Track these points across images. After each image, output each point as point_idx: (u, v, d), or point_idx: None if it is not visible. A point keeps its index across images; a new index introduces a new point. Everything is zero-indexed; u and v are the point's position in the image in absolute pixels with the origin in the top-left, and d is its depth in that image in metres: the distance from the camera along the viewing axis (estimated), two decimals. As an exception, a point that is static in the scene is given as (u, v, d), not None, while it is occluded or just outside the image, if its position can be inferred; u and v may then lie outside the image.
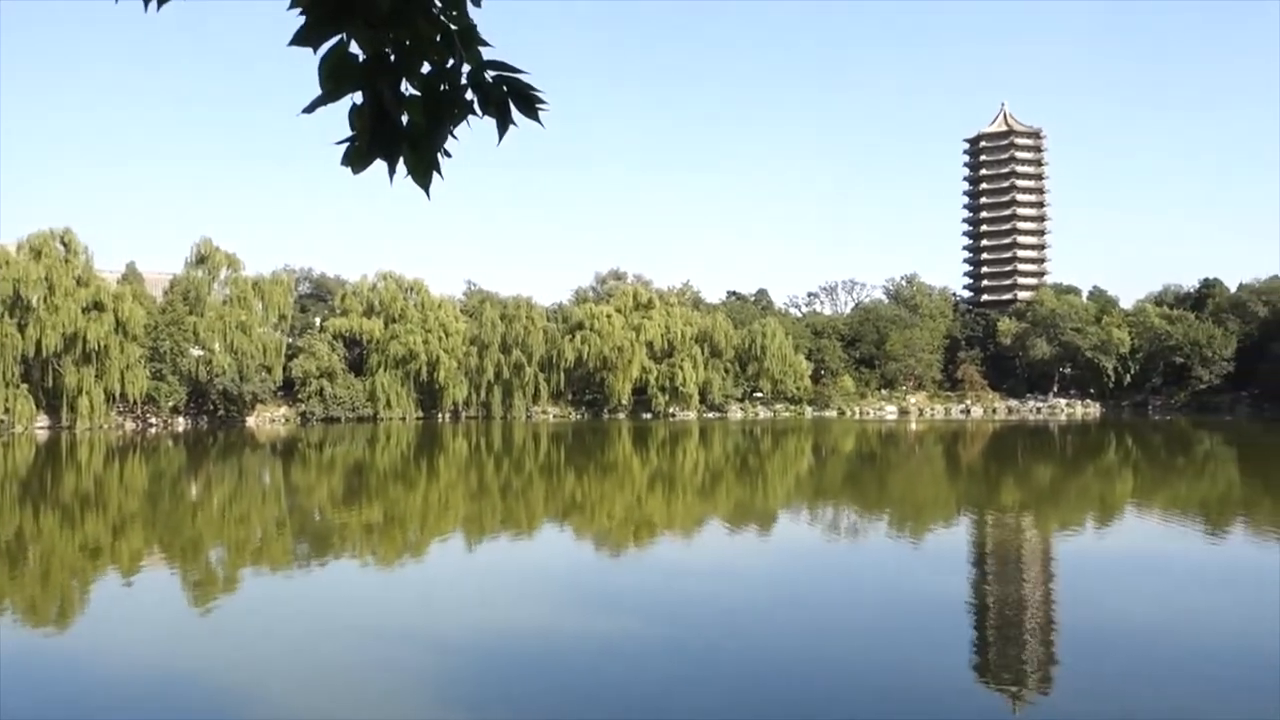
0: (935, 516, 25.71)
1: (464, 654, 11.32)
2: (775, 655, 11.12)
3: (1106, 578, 16.09)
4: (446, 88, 2.19)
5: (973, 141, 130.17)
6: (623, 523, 24.53)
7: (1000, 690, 10.12)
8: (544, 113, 2.21)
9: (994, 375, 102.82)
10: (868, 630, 12.39)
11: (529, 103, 2.24)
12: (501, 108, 2.22)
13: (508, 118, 2.24)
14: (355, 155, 2.21)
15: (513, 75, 2.22)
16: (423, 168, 2.24)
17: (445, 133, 2.24)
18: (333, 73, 2.14)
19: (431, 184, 2.27)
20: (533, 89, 2.22)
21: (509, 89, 2.21)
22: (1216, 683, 9.82)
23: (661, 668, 10.62)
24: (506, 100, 2.22)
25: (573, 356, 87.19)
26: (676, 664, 10.75)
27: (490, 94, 2.20)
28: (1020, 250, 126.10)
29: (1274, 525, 22.65)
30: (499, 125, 2.24)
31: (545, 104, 2.22)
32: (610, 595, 14.97)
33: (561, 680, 10.19)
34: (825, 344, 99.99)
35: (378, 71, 2.13)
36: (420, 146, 2.21)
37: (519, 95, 2.22)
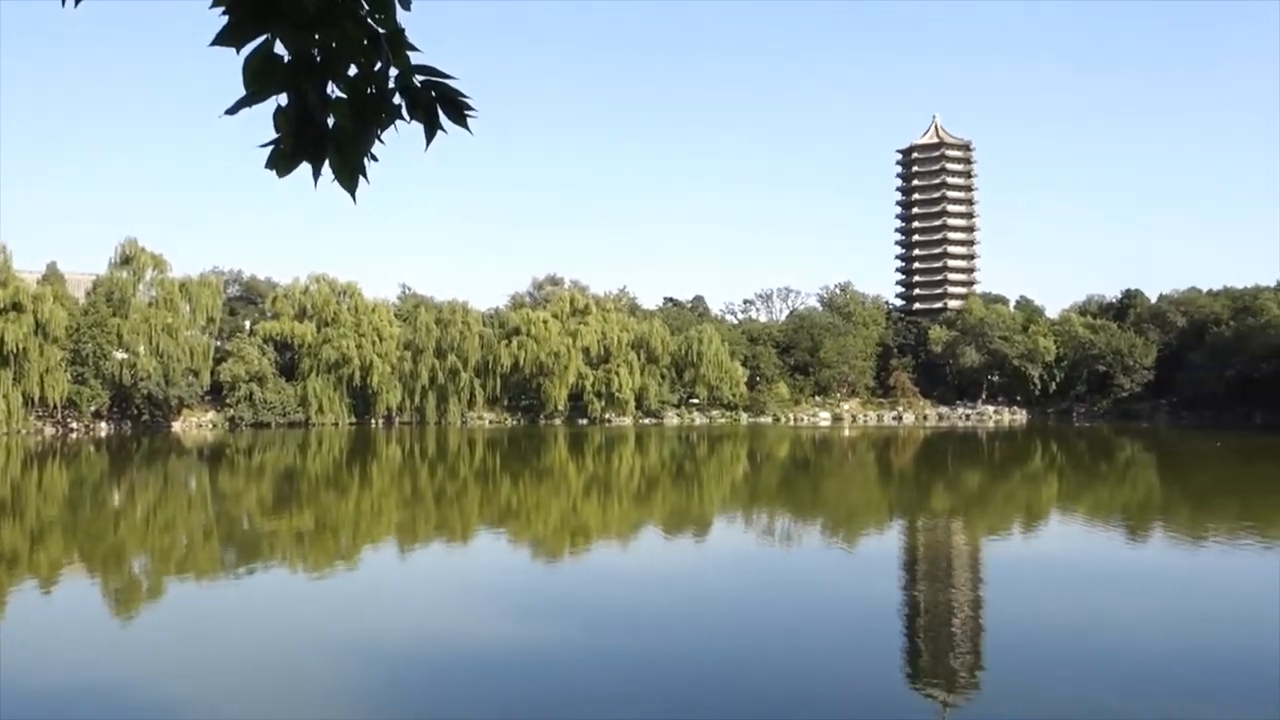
0: (868, 522, 26.07)
1: (398, 661, 11.17)
2: (709, 660, 11.16)
3: (1033, 581, 16.46)
4: (373, 91, 2.15)
5: (905, 153, 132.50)
6: (558, 529, 24.43)
7: (929, 692, 10.28)
8: (473, 120, 2.19)
9: (925, 382, 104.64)
10: (801, 635, 12.50)
11: (458, 109, 2.21)
12: (430, 113, 2.19)
13: (436, 123, 2.21)
14: (279, 158, 2.17)
15: (441, 81, 2.19)
16: (349, 171, 2.20)
17: (372, 136, 2.20)
18: (256, 74, 2.09)
19: (357, 187, 2.23)
20: (461, 95, 2.19)
21: (437, 94, 2.19)
22: (1140, 683, 10.10)
23: (596, 674, 10.59)
24: (435, 106, 2.19)
25: (509, 362, 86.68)
26: (611, 670, 10.74)
27: (418, 99, 2.17)
28: (951, 260, 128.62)
29: (1191, 530, 23.39)
30: (427, 131, 2.21)
31: (474, 111, 2.20)
32: (545, 602, 14.89)
33: (495, 687, 10.11)
34: (761, 351, 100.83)
35: (303, 73, 2.09)
36: (346, 150, 2.17)
37: (447, 101, 2.20)
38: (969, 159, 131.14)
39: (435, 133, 2.22)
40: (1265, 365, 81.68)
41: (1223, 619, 13.27)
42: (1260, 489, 33.65)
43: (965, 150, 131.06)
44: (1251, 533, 22.22)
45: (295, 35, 2.06)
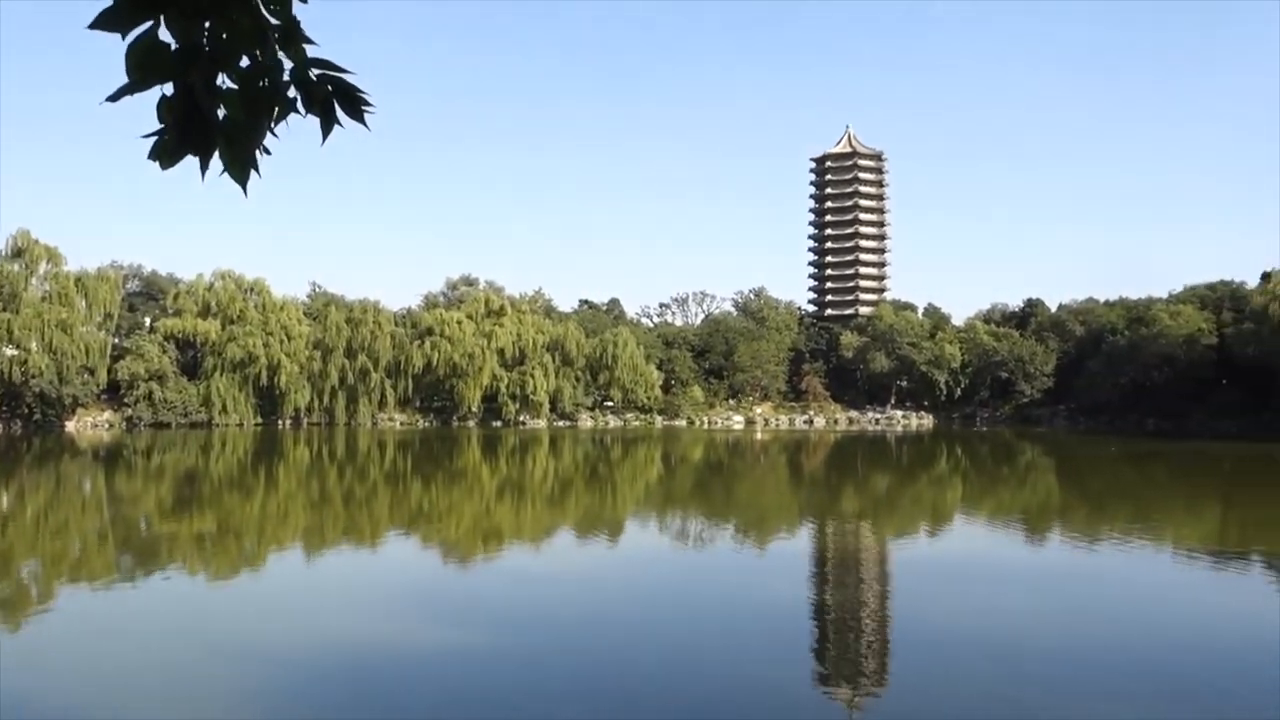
0: (779, 524, 26.38)
1: (307, 666, 10.88)
2: (621, 661, 11.15)
3: (939, 582, 16.84)
4: (266, 84, 2.06)
5: (819, 161, 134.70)
6: (471, 532, 24.17)
7: (838, 691, 10.43)
8: (370, 115, 2.12)
9: (836, 387, 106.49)
10: (712, 635, 12.57)
11: (355, 104, 2.14)
12: (326, 107, 2.11)
13: (332, 118, 2.13)
14: (163, 149, 2.06)
15: (338, 75, 2.12)
16: (239, 165, 2.10)
17: (264, 130, 2.11)
18: (141, 61, 1.98)
19: (249, 181, 2.14)
20: (359, 90, 2.12)
21: (334, 89, 2.11)
22: (1040, 679, 10.40)
23: (508, 676, 10.48)
24: (331, 100, 2.11)
25: (421, 363, 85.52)
26: (523, 672, 10.64)
27: (314, 93, 2.09)
28: (862, 267, 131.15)
29: (1087, 531, 24.23)
30: (323, 126, 2.13)
31: (372, 106, 2.12)
32: (458, 604, 14.70)
33: (409, 690, 9.92)
34: (676, 354, 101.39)
35: (190, 62, 1.99)
36: (236, 143, 2.08)
37: (344, 96, 2.12)
38: (881, 169, 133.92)
39: (331, 128, 2.14)
40: (1157, 373, 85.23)
41: (1118, 616, 13.77)
42: (1151, 492, 35.06)
43: (877, 160, 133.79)
44: (1143, 534, 23.13)
45: (183, 23, 1.97)
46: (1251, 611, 14.23)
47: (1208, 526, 25.32)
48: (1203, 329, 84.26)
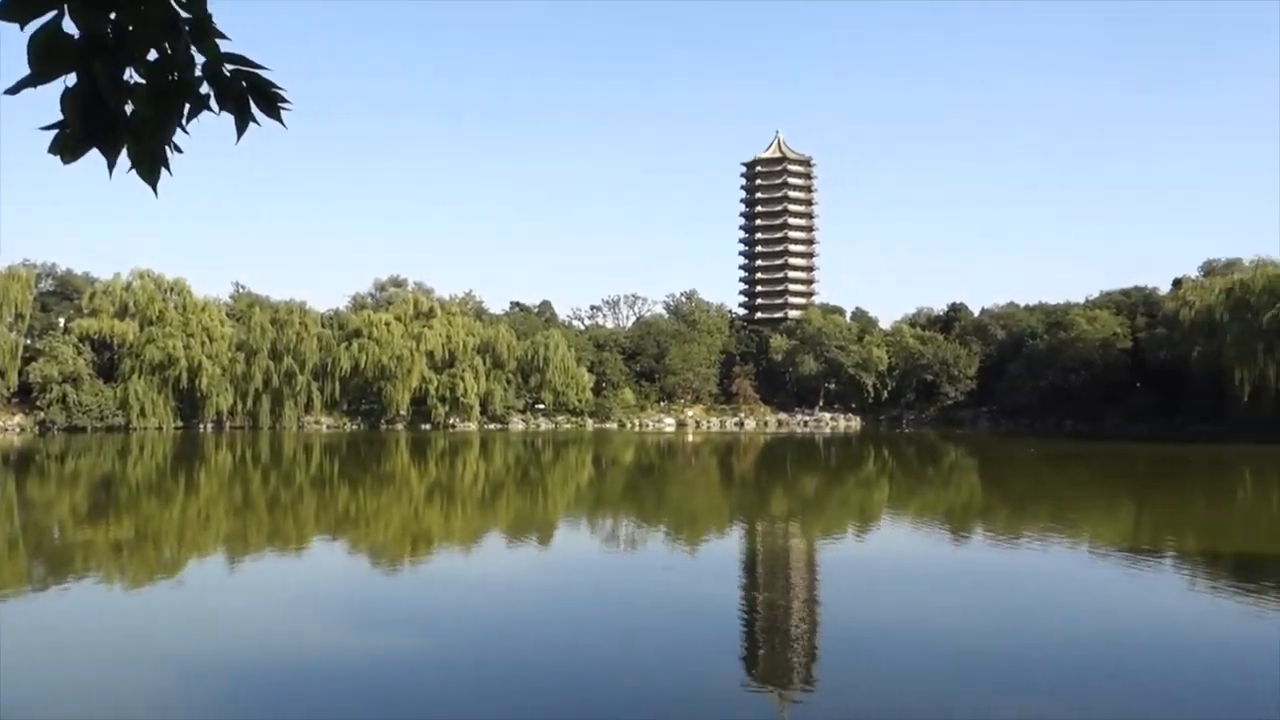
0: (709, 525, 26.51)
1: (227, 676, 10.60)
2: (551, 664, 11.09)
3: (866, 581, 17.07)
4: (176, 79, 1.98)
5: (749, 166, 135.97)
6: (399, 536, 23.83)
7: (768, 690, 10.51)
8: (287, 112, 2.05)
9: (766, 389, 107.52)
10: (642, 637, 12.57)
11: (271, 101, 2.07)
12: (240, 104, 2.04)
13: (248, 116, 2.06)
14: (65, 143, 1.97)
15: (253, 71, 2.04)
16: (148, 162, 2.02)
17: (173, 126, 2.03)
18: (43, 52, 1.89)
19: (159, 179, 2.05)
20: (275, 86, 2.05)
21: (248, 85, 2.04)
22: (965, 675, 10.59)
23: (438, 681, 10.35)
24: (246, 97, 2.04)
25: (349, 365, 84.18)
26: (453, 677, 10.51)
27: (228, 89, 2.02)
28: (792, 271, 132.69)
29: (1008, 530, 24.80)
30: (238, 123, 2.06)
31: (288, 103, 2.06)
32: (385, 610, 14.47)
33: (331, 700, 9.73)
34: (607, 357, 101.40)
35: (94, 54, 1.90)
36: (144, 139, 2.00)
37: (260, 93, 2.05)
38: (809, 174, 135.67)
39: (247, 125, 2.06)
40: (1074, 376, 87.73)
41: (1039, 613, 14.11)
42: (1069, 492, 36.03)
43: (806, 165, 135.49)
44: (1061, 532, 23.76)
45: (87, 13, 1.88)
46: (1167, 609, 14.71)
47: (1123, 526, 26.10)
48: (1118, 333, 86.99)
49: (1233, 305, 65.86)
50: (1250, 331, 63.50)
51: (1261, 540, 22.29)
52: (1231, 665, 11.29)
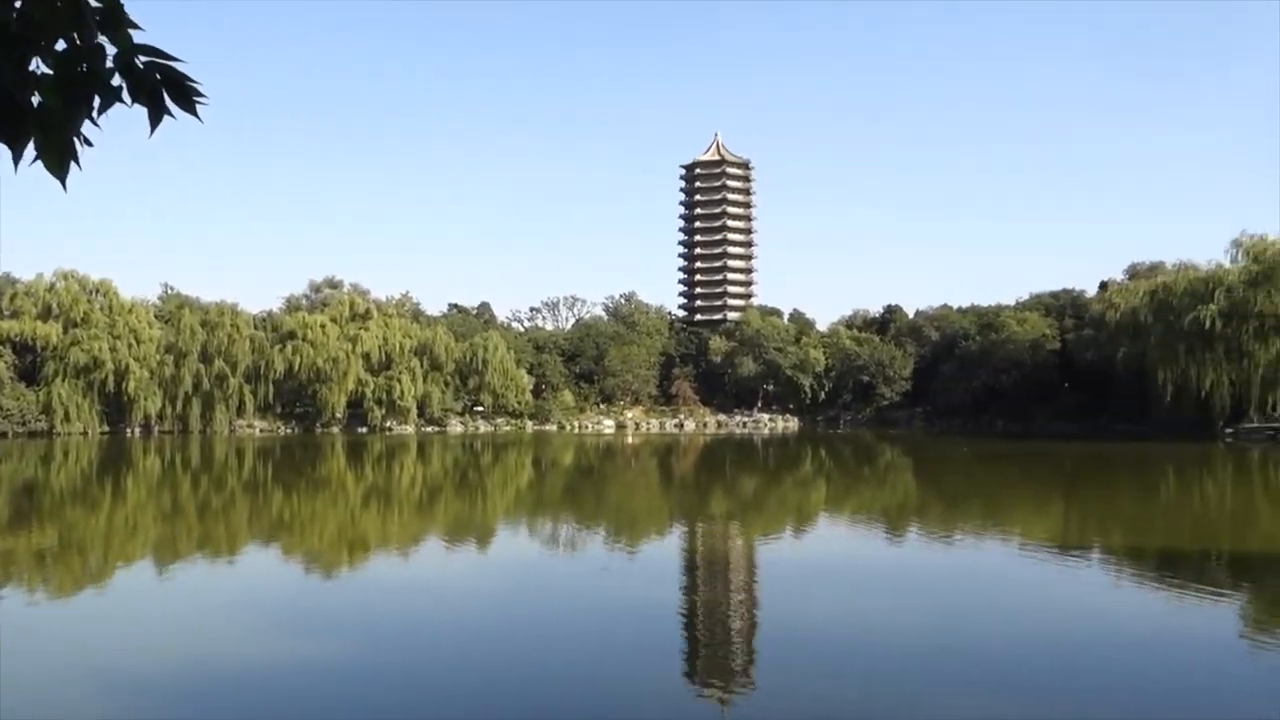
0: (649, 527, 26.52)
1: (157, 687, 10.30)
2: (493, 667, 10.98)
3: (805, 581, 17.20)
4: (85, 70, 1.89)
5: (689, 168, 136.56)
6: (335, 541, 23.44)
7: (708, 691, 10.52)
8: (202, 107, 1.96)
9: (705, 391, 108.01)
10: (582, 640, 12.51)
11: (186, 94, 1.98)
12: (154, 97, 1.95)
13: (161, 109, 1.97)
14: (-33, 136, 1.86)
15: (167, 63, 1.95)
16: (56, 156, 1.92)
17: (82, 118, 1.93)
18: (-57, 41, 1.78)
19: (68, 173, 1.95)
20: (189, 79, 1.96)
21: (162, 78, 1.95)
22: (902, 673, 10.71)
23: (373, 689, 10.17)
24: (160, 90, 1.95)
25: (283, 367, 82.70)
26: (389, 684, 10.34)
27: (141, 81, 1.93)
28: (730, 273, 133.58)
29: (943, 529, 25.21)
30: (151, 116, 1.97)
31: (204, 97, 1.97)
32: (320, 617, 14.20)
33: (265, 710, 9.51)
34: (546, 358, 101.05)
35: (-1, 43, 1.80)
36: (52, 132, 1.90)
37: (174, 85, 1.96)
38: (748, 176, 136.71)
39: (161, 119, 1.97)
40: (1005, 377, 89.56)
41: (974, 611, 14.35)
42: (1001, 490, 36.77)
43: (745, 168, 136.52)
44: (994, 530, 24.23)
45: (-9, 3, 1.78)
46: (1096, 604, 15.07)
47: (1052, 523, 26.70)
48: (1047, 335, 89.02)
49: (1156, 307, 67.77)
50: (1172, 333, 65.40)
51: (1184, 536, 22.96)
52: (1158, 659, 11.59)
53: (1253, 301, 62.06)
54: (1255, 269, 63.65)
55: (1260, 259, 63.96)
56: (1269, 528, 25.03)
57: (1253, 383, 62.64)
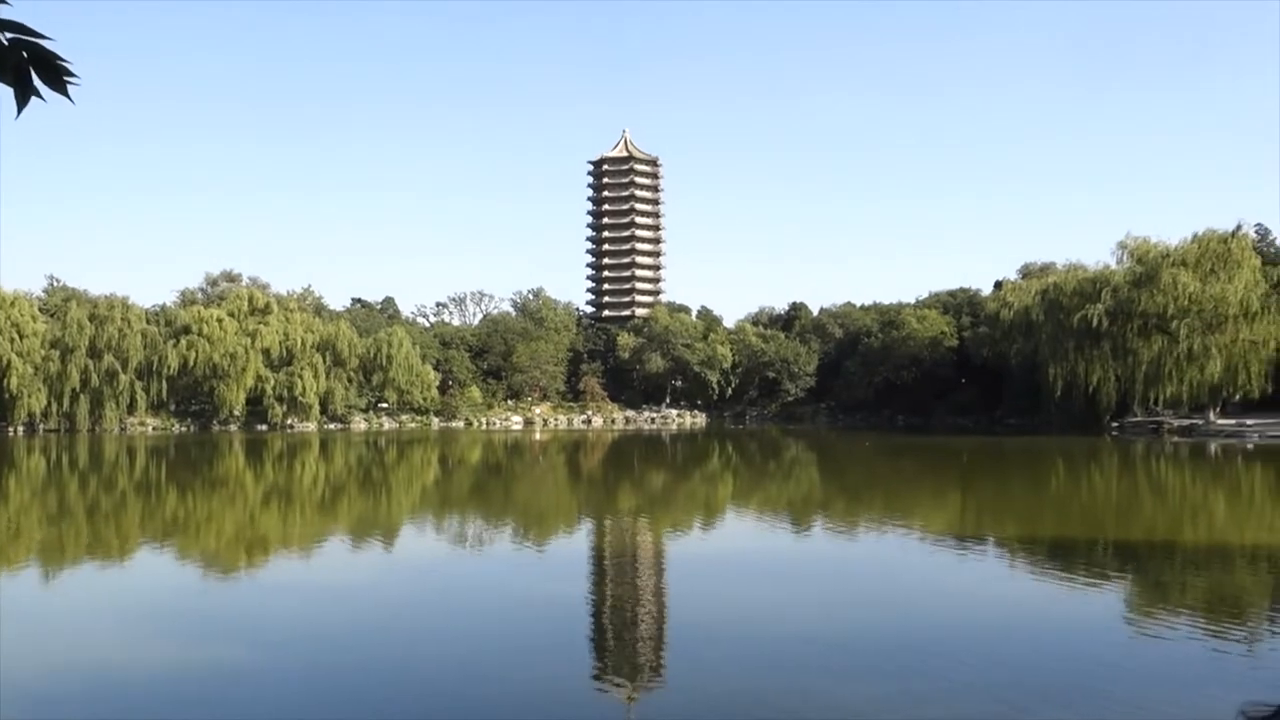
0: (557, 523, 26.44)
1: (43, 697, 9.82)
2: (394, 670, 10.78)
3: (712, 574, 17.35)
4: (-55, 44, 1.75)
5: (597, 164, 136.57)
6: (233, 542, 22.76)
7: (615, 687, 10.52)
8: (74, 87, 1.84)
9: (614, 387, 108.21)
10: (488, 639, 12.39)
11: (55, 73, 1.86)
12: (21, 76, 1.83)
13: (29, 88, 1.85)
14: None
15: (35, 40, 1.83)
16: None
17: (-60, 96, 1.80)
18: None
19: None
20: (59, 58, 1.84)
21: (30, 55, 1.83)
22: (808, 665, 10.87)
23: (272, 695, 9.89)
24: (27, 68, 1.83)
25: (178, 363, 79.98)
26: (288, 689, 10.08)
27: (5, 58, 1.80)
28: (639, 270, 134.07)
29: (846, 522, 25.75)
30: (18, 96, 1.84)
31: (75, 77, 1.84)
32: (218, 621, 13.75)
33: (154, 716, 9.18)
34: (453, 354, 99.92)
35: None
36: (-94, 112, 1.78)
37: (42, 64, 1.84)
38: (657, 174, 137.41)
39: (28, 98, 1.85)
40: (905, 373, 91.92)
41: (876, 601, 14.66)
42: (901, 483, 37.71)
43: (653, 165, 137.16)
44: (895, 522, 24.84)
45: None
46: (992, 592, 15.55)
47: (950, 514, 27.48)
48: (945, 332, 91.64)
49: (1047, 306, 70.25)
50: (1062, 331, 67.90)
51: (1072, 526, 23.88)
52: (1049, 644, 12.02)
53: (1136, 301, 64.82)
54: (1139, 270, 66.50)
55: (1144, 260, 66.83)
56: (1150, 517, 26.21)
57: (1136, 379, 65.42)
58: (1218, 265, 64.56)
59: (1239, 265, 64.21)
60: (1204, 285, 63.40)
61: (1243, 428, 59.68)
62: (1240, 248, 65.67)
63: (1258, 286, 64.01)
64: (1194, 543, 21.21)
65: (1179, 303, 63.31)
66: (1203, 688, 9.86)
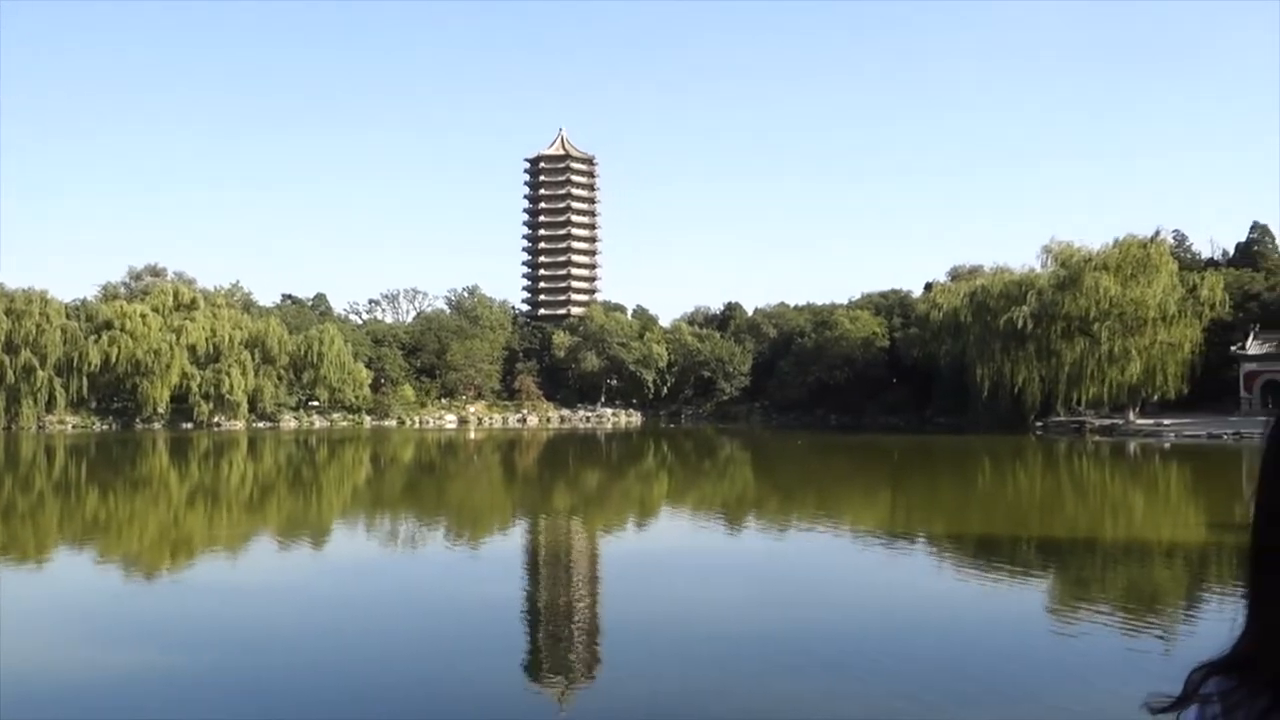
0: (492, 523, 26.30)
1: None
2: (325, 672, 10.64)
3: (647, 573, 17.42)
4: None
5: (533, 162, 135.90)
6: (157, 543, 22.21)
7: (548, 687, 10.51)
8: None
9: (549, 386, 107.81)
10: (421, 639, 12.28)
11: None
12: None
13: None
14: None
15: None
16: None
17: None
18: None
19: None
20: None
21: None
22: (742, 663, 10.97)
23: (198, 699, 9.68)
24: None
25: (99, 359, 77.66)
26: (218, 690, 9.87)
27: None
28: (575, 268, 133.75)
29: (779, 519, 26.03)
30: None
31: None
32: (143, 624, 13.41)
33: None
34: (386, 352, 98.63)
35: None
36: None
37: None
38: (593, 172, 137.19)
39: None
40: (838, 373, 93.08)
41: (808, 598, 14.85)
42: (833, 481, 38.22)
43: (589, 164, 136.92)
44: (826, 520, 25.18)
45: None
46: (922, 588, 15.85)
47: (880, 512, 27.95)
48: (877, 333, 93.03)
49: (975, 308, 71.74)
50: (989, 332, 69.41)
51: (998, 522, 24.45)
52: (975, 637, 12.30)
53: (1060, 304, 66.54)
54: (1063, 273, 68.27)
55: (1067, 264, 68.61)
56: (1072, 513, 26.96)
57: (1060, 379, 67.14)
58: (1137, 270, 66.55)
59: (1157, 270, 66.27)
60: (1124, 289, 65.33)
61: (1160, 427, 61.61)
62: (1159, 253, 67.79)
63: (1175, 291, 66.10)
64: (1114, 539, 21.87)
65: (1100, 306, 65.16)
66: (1120, 680, 10.18)
